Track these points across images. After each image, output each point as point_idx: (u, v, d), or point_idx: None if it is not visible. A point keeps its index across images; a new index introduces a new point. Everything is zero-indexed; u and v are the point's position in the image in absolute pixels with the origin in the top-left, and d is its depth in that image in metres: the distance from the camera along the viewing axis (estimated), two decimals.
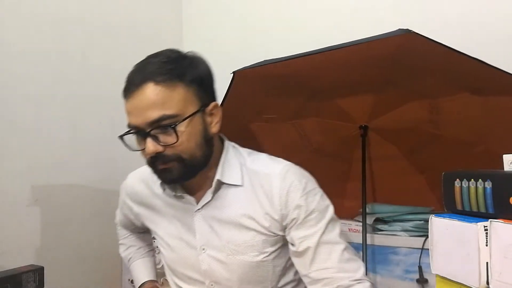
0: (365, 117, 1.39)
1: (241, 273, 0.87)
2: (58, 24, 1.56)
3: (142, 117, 0.77)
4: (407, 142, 1.41)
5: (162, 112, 0.77)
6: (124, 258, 1.20)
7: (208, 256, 0.89)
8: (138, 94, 0.78)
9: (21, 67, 1.44)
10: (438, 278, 0.70)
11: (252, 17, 1.93)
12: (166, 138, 0.78)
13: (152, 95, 0.77)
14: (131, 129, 0.81)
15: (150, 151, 0.78)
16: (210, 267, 0.89)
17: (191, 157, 0.80)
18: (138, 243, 1.18)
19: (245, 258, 0.86)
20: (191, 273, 0.92)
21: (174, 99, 0.78)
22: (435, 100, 1.24)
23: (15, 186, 1.41)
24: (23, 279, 1.13)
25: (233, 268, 0.87)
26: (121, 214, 1.13)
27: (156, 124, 0.77)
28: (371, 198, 1.48)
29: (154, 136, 0.78)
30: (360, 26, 1.60)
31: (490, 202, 0.63)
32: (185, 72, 0.80)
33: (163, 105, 0.77)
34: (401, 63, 1.08)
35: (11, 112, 1.41)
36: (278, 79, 1.20)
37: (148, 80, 0.78)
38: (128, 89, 0.80)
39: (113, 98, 1.74)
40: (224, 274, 0.88)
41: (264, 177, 0.85)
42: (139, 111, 0.78)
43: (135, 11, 1.89)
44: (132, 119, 0.79)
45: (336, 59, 1.08)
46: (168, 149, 0.78)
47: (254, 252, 0.86)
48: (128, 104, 0.80)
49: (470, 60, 0.96)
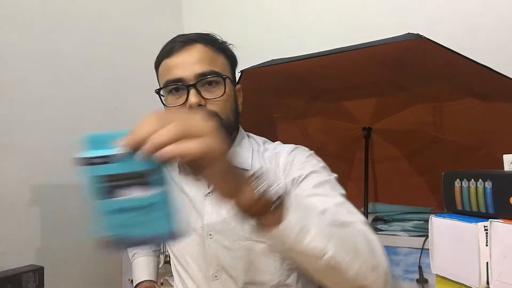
0: (368, 119, 1.39)
1: (246, 261, 0.84)
2: (58, 24, 1.56)
3: (191, 69, 0.80)
4: (409, 145, 1.42)
5: (210, 67, 0.81)
6: (129, 252, 1.22)
7: (214, 241, 0.87)
8: (187, 50, 0.82)
9: (21, 67, 1.45)
10: (438, 278, 0.70)
11: (252, 17, 1.93)
12: (211, 92, 0.81)
13: (202, 52, 0.82)
14: (171, 83, 0.82)
15: (193, 101, 0.79)
16: (216, 253, 0.86)
17: (227, 118, 0.84)
18: None
19: (251, 244, 0.84)
20: (195, 261, 0.90)
21: (219, 62, 0.84)
22: (439, 104, 1.24)
23: (15, 186, 1.41)
24: (23, 279, 1.13)
25: (239, 255, 0.84)
26: None
27: (205, 76, 0.80)
28: (372, 199, 1.48)
29: (198, 90, 0.80)
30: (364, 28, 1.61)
31: (490, 202, 0.63)
32: (225, 48, 0.87)
33: (211, 63, 0.82)
34: (408, 67, 1.08)
35: (11, 112, 1.41)
36: (284, 79, 1.21)
37: (197, 41, 0.83)
38: (173, 48, 0.83)
39: (113, 98, 1.75)
40: (230, 262, 0.85)
41: (273, 156, 0.88)
42: (187, 64, 0.81)
43: (135, 12, 1.89)
44: (178, 72, 0.81)
45: (343, 61, 1.08)
46: (209, 104, 0.81)
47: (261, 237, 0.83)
48: (173, 59, 0.83)
49: (476, 66, 0.96)
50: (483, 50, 1.30)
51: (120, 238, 0.47)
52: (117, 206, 0.46)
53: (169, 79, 0.83)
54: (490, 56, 1.09)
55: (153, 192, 0.45)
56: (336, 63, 1.10)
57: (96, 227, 0.47)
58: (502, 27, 1.38)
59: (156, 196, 0.46)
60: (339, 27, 1.68)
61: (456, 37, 1.37)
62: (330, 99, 1.34)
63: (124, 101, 1.78)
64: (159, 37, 0.92)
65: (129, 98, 1.80)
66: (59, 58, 1.56)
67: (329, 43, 1.09)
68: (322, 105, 1.36)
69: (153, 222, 0.46)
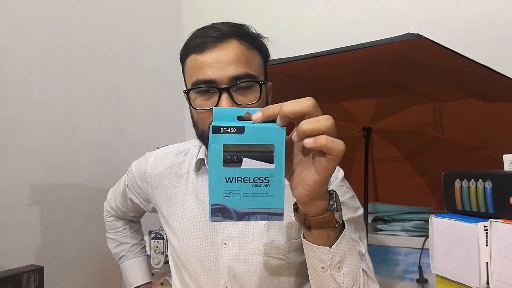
0: (368, 119, 1.39)
1: (261, 276, 0.81)
2: (58, 23, 1.56)
3: (224, 71, 0.72)
4: (409, 145, 1.42)
5: (246, 70, 0.74)
6: (114, 254, 1.15)
7: (229, 251, 0.82)
8: (221, 47, 0.74)
9: (21, 67, 1.45)
10: (438, 278, 0.70)
11: (253, 17, 1.93)
12: (243, 97, 0.74)
13: (238, 50, 0.74)
14: (202, 85, 0.74)
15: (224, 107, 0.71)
16: (229, 264, 0.82)
17: None
18: (130, 239, 1.15)
19: (268, 260, 0.80)
20: (205, 269, 0.85)
21: (255, 62, 0.77)
22: (439, 104, 1.24)
23: (15, 186, 1.41)
24: (23, 279, 1.13)
25: (254, 268, 0.80)
26: (122, 199, 1.06)
27: (239, 80, 0.73)
28: (372, 199, 1.48)
29: (231, 94, 0.73)
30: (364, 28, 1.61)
31: (490, 202, 0.63)
32: (260, 45, 0.80)
33: (247, 64, 0.74)
34: (408, 66, 1.08)
35: (11, 112, 1.41)
36: (284, 79, 1.21)
37: (233, 36, 0.75)
38: (205, 43, 0.74)
39: (113, 97, 1.75)
40: (243, 275, 0.81)
41: None
42: (221, 64, 0.72)
43: (136, 11, 1.89)
44: (210, 72, 0.73)
45: (343, 61, 1.08)
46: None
47: (279, 254, 0.80)
48: (205, 56, 0.74)
49: (476, 66, 0.96)
50: (483, 50, 1.30)
51: (234, 205, 0.50)
52: (240, 174, 0.49)
53: (199, 79, 0.74)
54: (490, 56, 1.09)
55: (276, 167, 0.48)
56: (336, 63, 1.10)
57: (215, 193, 0.50)
58: (502, 27, 1.38)
59: (277, 172, 0.49)
60: (339, 27, 1.68)
61: (456, 37, 1.37)
62: (330, 99, 1.33)
63: (124, 101, 1.78)
64: (159, 36, 0.91)
65: (129, 98, 1.80)
66: (59, 58, 1.56)
67: (329, 43, 1.09)
68: (322, 105, 1.35)
69: (268, 197, 0.49)
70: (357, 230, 0.81)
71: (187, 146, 0.94)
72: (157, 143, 1.60)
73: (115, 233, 1.15)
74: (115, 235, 1.15)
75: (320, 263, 0.59)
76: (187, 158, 0.92)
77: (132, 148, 1.73)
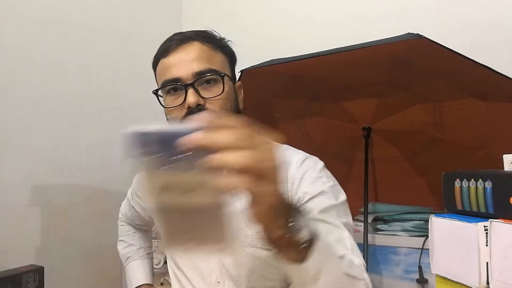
0: (368, 119, 1.39)
1: (250, 267, 0.83)
2: (58, 24, 1.56)
3: (188, 68, 0.78)
4: (409, 145, 1.41)
5: (208, 65, 0.79)
6: (121, 256, 1.18)
7: None
8: (183, 48, 0.80)
9: (21, 67, 1.44)
10: (438, 278, 0.70)
11: (252, 17, 1.93)
12: (209, 91, 0.79)
13: (200, 50, 0.80)
14: (169, 83, 0.80)
15: (192, 101, 0.77)
16: (219, 259, 0.85)
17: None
18: (139, 243, 1.18)
19: (255, 251, 0.83)
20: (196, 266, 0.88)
21: (217, 60, 0.82)
22: (439, 104, 1.24)
23: (15, 186, 1.41)
24: (23, 279, 1.13)
25: (243, 261, 0.83)
26: (128, 207, 1.12)
27: (202, 75, 0.78)
28: (372, 199, 1.48)
29: (196, 89, 0.78)
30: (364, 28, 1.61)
31: (490, 202, 0.63)
32: (223, 45, 0.86)
33: (208, 60, 0.80)
34: (408, 66, 1.08)
35: (11, 112, 1.41)
36: (284, 79, 1.21)
37: (194, 39, 0.81)
38: (170, 46, 0.81)
39: (114, 98, 1.75)
40: (233, 268, 0.84)
41: (281, 165, 0.86)
42: (184, 63, 0.79)
43: (135, 12, 1.89)
44: (175, 71, 0.79)
45: (343, 61, 1.08)
46: (208, 103, 0.79)
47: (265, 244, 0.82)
48: (170, 58, 0.81)
49: (476, 66, 0.96)
50: (483, 50, 1.30)
51: None
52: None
53: (166, 79, 0.81)
54: (490, 56, 1.08)
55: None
56: (336, 63, 1.10)
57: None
58: (502, 27, 1.38)
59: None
60: (339, 27, 1.68)
61: (456, 37, 1.37)
62: (330, 99, 1.33)
63: (124, 101, 1.78)
64: (159, 37, 0.91)
65: (129, 98, 1.80)
66: (59, 58, 1.56)
67: (329, 43, 1.09)
68: (322, 105, 1.36)
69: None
70: (338, 216, 0.80)
71: None
72: None
73: (126, 236, 1.19)
74: (125, 238, 1.19)
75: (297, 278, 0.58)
76: None
77: None
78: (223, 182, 0.43)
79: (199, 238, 0.46)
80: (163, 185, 0.43)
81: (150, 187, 0.43)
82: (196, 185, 0.43)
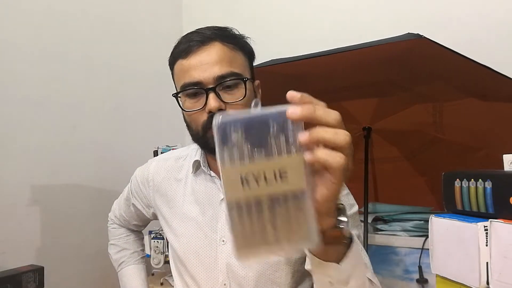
0: (368, 119, 1.39)
1: (258, 271, 0.82)
2: (58, 23, 1.57)
3: (209, 71, 0.76)
4: (409, 145, 1.41)
5: (230, 68, 0.77)
6: (114, 261, 1.15)
7: (227, 249, 0.84)
8: (204, 50, 0.77)
9: (21, 67, 1.45)
10: (438, 278, 0.70)
11: (252, 17, 1.93)
12: (230, 95, 0.77)
13: (221, 52, 0.78)
14: (189, 87, 0.78)
15: (214, 106, 0.75)
16: (227, 261, 0.84)
17: None
18: (133, 247, 1.15)
19: None
20: (204, 268, 0.87)
21: (238, 61, 0.80)
22: (439, 104, 1.24)
23: (15, 186, 1.41)
24: (23, 279, 1.13)
25: (251, 264, 0.82)
26: (125, 206, 1.09)
27: (224, 79, 0.76)
28: (372, 199, 1.48)
29: (218, 94, 0.76)
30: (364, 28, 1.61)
31: (490, 202, 0.63)
32: (244, 44, 0.84)
33: (230, 63, 0.78)
34: (408, 66, 1.08)
35: (11, 112, 1.41)
36: (284, 79, 1.21)
37: (215, 39, 0.78)
38: (190, 47, 0.78)
39: (114, 97, 1.76)
40: (241, 272, 0.83)
41: None
42: (206, 66, 0.76)
43: (135, 11, 1.89)
44: (196, 74, 0.77)
45: (343, 61, 1.08)
46: (229, 108, 0.77)
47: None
48: (190, 60, 0.78)
49: (476, 66, 0.95)
50: (483, 50, 1.30)
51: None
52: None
53: (186, 82, 0.78)
54: (490, 56, 1.08)
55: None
56: (336, 63, 1.10)
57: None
58: (502, 27, 1.38)
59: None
60: (339, 27, 1.68)
61: (456, 37, 1.37)
62: (330, 99, 1.32)
63: (124, 101, 1.78)
64: (159, 37, 0.91)
65: (129, 98, 1.80)
66: (59, 58, 1.56)
67: (329, 43, 1.09)
68: None
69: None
70: (354, 226, 0.82)
71: (186, 151, 0.99)
72: (157, 143, 1.61)
73: (118, 239, 1.16)
74: (118, 241, 1.16)
75: (328, 278, 0.58)
76: (185, 163, 0.96)
77: (132, 148, 1.73)
78: (323, 156, 0.43)
79: (281, 233, 0.43)
80: (247, 175, 0.41)
81: (234, 180, 0.41)
82: (286, 168, 0.41)
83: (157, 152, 1.54)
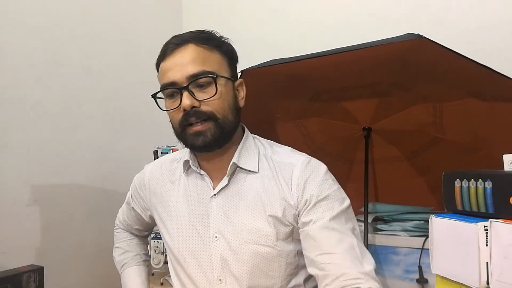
0: (368, 119, 1.39)
1: (252, 264, 0.84)
2: (58, 24, 1.57)
3: (182, 71, 0.81)
4: (409, 145, 1.41)
5: (202, 67, 0.81)
6: (117, 262, 1.16)
7: (220, 244, 0.86)
8: (179, 52, 0.82)
9: (21, 67, 1.45)
10: (438, 278, 0.70)
11: (251, 17, 1.93)
12: (204, 93, 0.82)
13: (194, 53, 0.82)
14: (166, 87, 0.83)
15: (186, 104, 0.80)
16: (221, 256, 0.86)
17: (224, 117, 0.84)
18: (135, 249, 1.17)
19: (257, 248, 0.84)
20: (200, 264, 0.88)
21: (213, 60, 0.84)
22: (439, 104, 1.23)
23: (15, 186, 1.41)
24: (23, 279, 1.13)
25: (245, 258, 0.84)
26: (127, 210, 1.12)
27: (196, 78, 0.80)
28: (372, 199, 1.47)
29: (191, 92, 0.81)
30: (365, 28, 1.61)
31: (490, 202, 0.63)
32: (220, 44, 0.87)
33: (203, 62, 0.82)
34: (408, 67, 1.08)
35: (11, 112, 1.41)
36: (284, 79, 1.21)
37: (189, 41, 0.83)
38: (167, 50, 0.84)
39: (113, 97, 1.75)
40: (235, 266, 0.85)
41: (286, 166, 0.88)
42: (179, 66, 0.81)
43: (135, 13, 1.89)
44: (171, 75, 0.82)
45: (343, 61, 1.08)
46: (204, 105, 0.82)
47: (268, 242, 0.84)
48: (166, 62, 0.83)
49: (476, 66, 0.95)
50: (483, 50, 1.30)
51: None
52: None
53: (163, 83, 0.85)
54: (490, 56, 1.08)
55: None
56: (336, 63, 1.10)
57: None
58: (502, 27, 1.38)
59: None
60: (339, 27, 1.68)
61: (456, 37, 1.37)
62: (330, 99, 1.33)
63: (124, 101, 1.78)
64: (159, 37, 0.92)
65: (129, 98, 1.80)
66: (59, 58, 1.56)
67: (329, 43, 1.09)
68: (322, 105, 1.36)
69: None
70: (348, 220, 0.84)
71: (181, 153, 1.01)
72: (156, 143, 1.61)
73: (122, 242, 1.18)
74: (121, 244, 1.17)
75: None
76: (179, 165, 0.99)
77: (132, 148, 1.73)
78: None
79: None
80: None
81: None
82: None
83: (157, 152, 1.54)
